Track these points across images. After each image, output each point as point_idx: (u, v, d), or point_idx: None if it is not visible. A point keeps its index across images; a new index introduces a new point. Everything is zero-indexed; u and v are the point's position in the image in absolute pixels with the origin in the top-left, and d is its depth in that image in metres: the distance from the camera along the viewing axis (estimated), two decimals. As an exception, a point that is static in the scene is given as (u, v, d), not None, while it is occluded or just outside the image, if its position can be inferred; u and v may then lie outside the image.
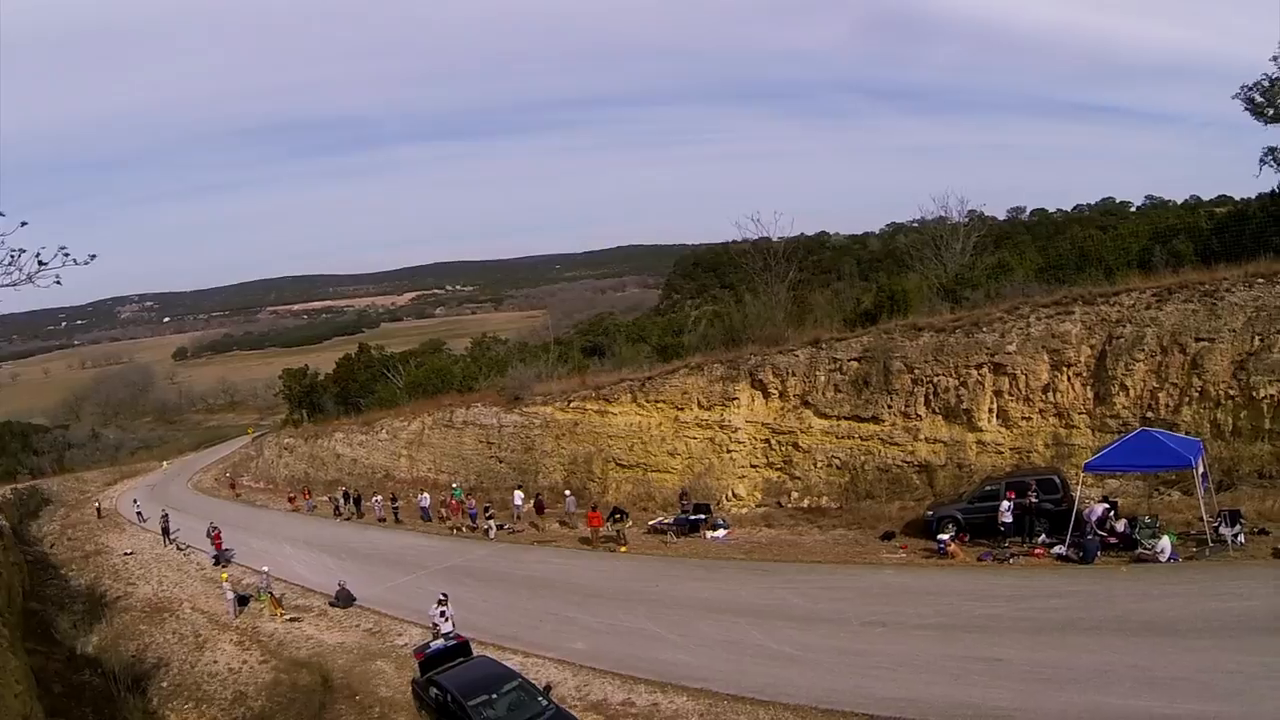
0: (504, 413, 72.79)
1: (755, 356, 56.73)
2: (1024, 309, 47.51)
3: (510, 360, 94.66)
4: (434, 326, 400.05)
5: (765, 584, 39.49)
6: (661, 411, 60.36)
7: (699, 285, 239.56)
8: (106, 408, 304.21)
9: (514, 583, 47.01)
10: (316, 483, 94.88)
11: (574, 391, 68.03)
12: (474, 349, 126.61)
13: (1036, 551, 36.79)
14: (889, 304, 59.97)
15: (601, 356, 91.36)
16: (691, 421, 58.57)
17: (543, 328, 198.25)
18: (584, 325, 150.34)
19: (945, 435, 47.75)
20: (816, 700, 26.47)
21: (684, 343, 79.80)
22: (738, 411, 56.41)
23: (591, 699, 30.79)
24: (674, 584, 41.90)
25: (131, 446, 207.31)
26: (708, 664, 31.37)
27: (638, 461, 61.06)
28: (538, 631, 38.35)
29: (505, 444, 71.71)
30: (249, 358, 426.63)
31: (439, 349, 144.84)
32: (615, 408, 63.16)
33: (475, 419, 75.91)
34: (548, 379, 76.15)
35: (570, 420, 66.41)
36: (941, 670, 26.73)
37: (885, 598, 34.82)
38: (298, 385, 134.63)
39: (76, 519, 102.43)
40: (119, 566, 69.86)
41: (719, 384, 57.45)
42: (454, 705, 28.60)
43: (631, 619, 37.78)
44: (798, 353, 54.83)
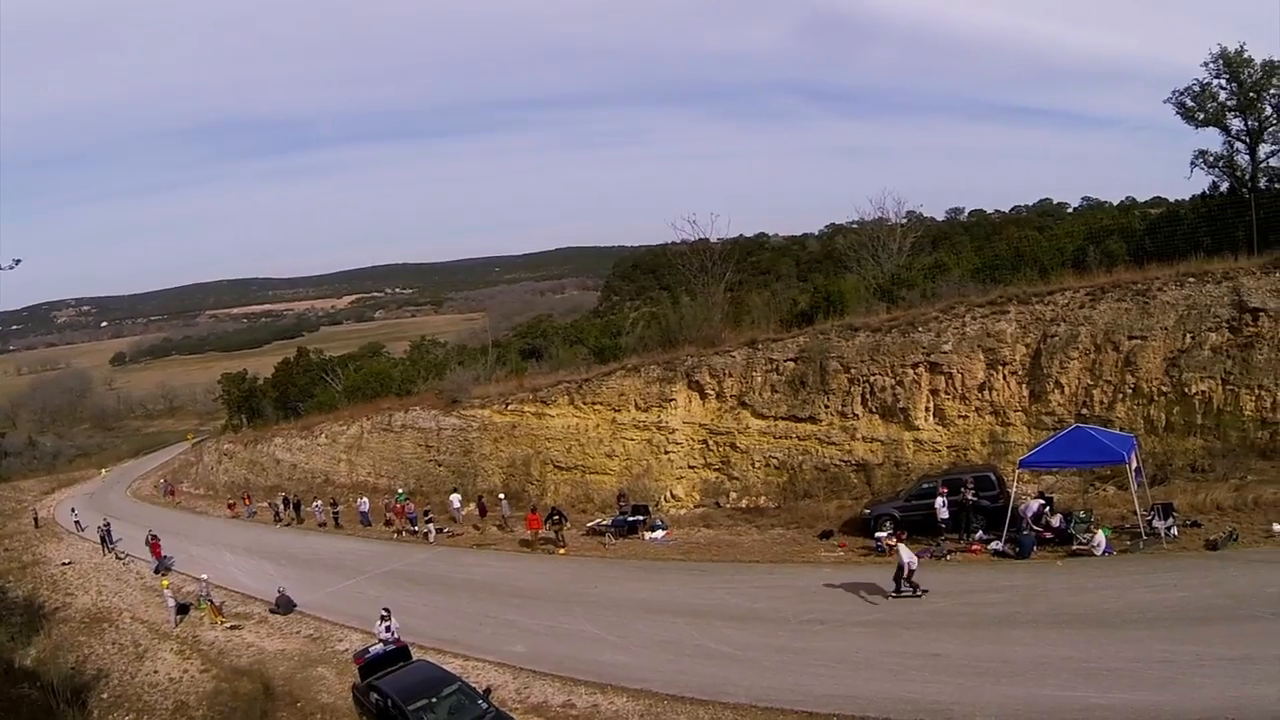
0: (442, 416, 72.50)
1: (692, 358, 56.78)
2: (960, 309, 47.91)
3: (449, 363, 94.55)
4: (373, 330, 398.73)
5: (704, 584, 39.66)
6: (599, 413, 60.30)
7: (638, 287, 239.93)
8: (43, 414, 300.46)
9: (454, 586, 46.94)
10: (256, 488, 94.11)
11: (511, 394, 67.82)
12: (413, 352, 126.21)
13: (973, 548, 37.19)
14: (825, 304, 60.22)
15: (539, 359, 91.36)
16: (629, 423, 58.53)
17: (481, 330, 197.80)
18: (522, 328, 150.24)
19: (882, 434, 48.01)
20: (755, 699, 26.56)
21: (621, 344, 79.79)
22: (675, 413, 56.40)
23: (532, 701, 30.78)
24: (613, 585, 42.05)
25: (69, 454, 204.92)
26: (647, 664, 31.43)
27: (576, 463, 60.91)
28: (477, 634, 38.29)
29: (444, 447, 71.45)
30: (188, 362, 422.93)
31: (378, 352, 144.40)
32: (553, 410, 62.97)
33: (414, 422, 75.59)
34: (486, 382, 76.10)
35: (508, 423, 66.18)
36: (880, 666, 26.92)
37: (823, 596, 34.98)
38: (237, 390, 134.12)
39: (13, 529, 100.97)
40: (57, 577, 69.06)
41: (656, 385, 57.49)
42: (394, 710, 28.49)
43: (571, 621, 37.83)
44: (734, 354, 54.99)
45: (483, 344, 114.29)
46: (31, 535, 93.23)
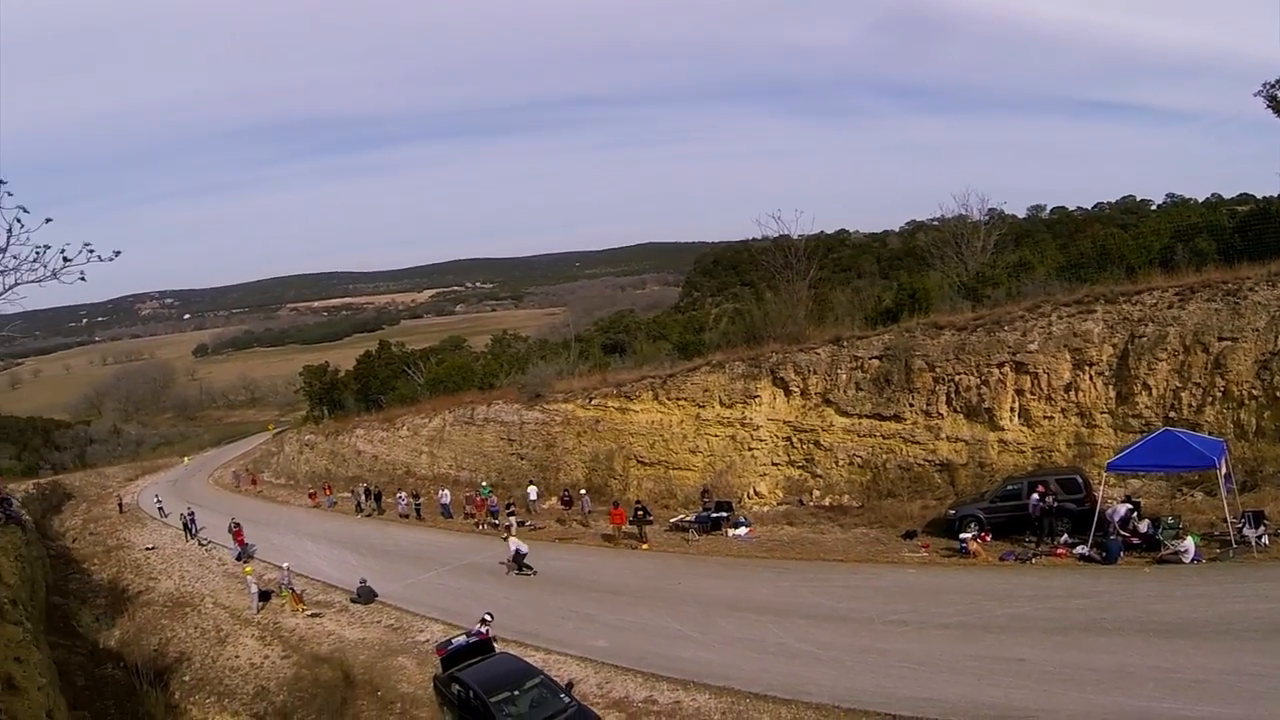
0: (525, 410, 72.72)
1: (777, 354, 56.61)
2: (1045, 308, 47.28)
3: (531, 357, 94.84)
4: (454, 324, 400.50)
5: (786, 582, 39.40)
6: (683, 409, 60.22)
7: (719, 283, 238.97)
8: (127, 404, 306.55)
9: (535, 579, 46.98)
10: (337, 479, 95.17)
11: (595, 389, 67.93)
12: (494, 346, 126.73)
13: (1059, 551, 36.54)
14: (910, 302, 59.79)
15: (622, 354, 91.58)
16: (713, 419, 58.43)
17: (563, 325, 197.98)
18: (604, 322, 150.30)
19: (967, 434, 47.59)
20: (838, 699, 26.35)
21: (705, 340, 79.79)
22: (759, 409, 56.28)
23: (613, 696, 30.77)
24: (695, 582, 41.80)
25: (152, 442, 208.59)
26: (730, 662, 31.30)
27: (659, 459, 60.95)
28: (560, 628, 38.31)
29: (526, 441, 71.72)
30: (269, 354, 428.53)
31: (459, 346, 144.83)
32: (636, 405, 63.08)
33: (496, 416, 75.93)
34: (569, 376, 76.47)
35: (591, 418, 66.28)
36: (963, 670, 26.60)
37: (907, 597, 34.65)
38: (318, 382, 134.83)
39: (98, 514, 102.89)
40: (140, 561, 70.19)
41: (740, 381, 57.33)
42: (476, 702, 28.59)
43: (653, 616, 37.75)
44: (819, 350, 54.72)
45: (564, 339, 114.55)
46: (116, 520, 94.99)
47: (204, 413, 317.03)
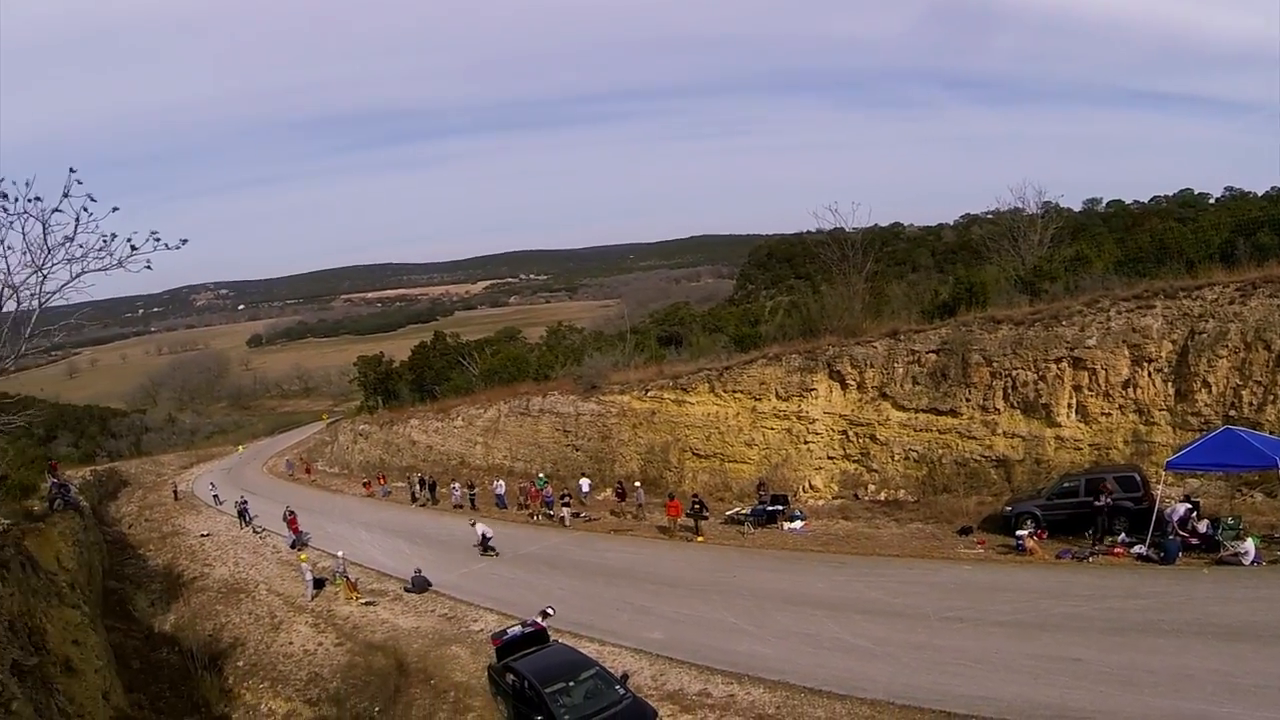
0: (581, 401, 72.93)
1: (833, 347, 56.37)
2: (1104, 302, 46.75)
3: (586, 349, 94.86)
4: (507, 315, 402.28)
5: (842, 577, 39.31)
6: (739, 402, 60.14)
7: (773, 276, 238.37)
8: (182, 393, 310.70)
9: (590, 571, 47.19)
10: (391, 469, 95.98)
11: (651, 381, 67.98)
12: (550, 337, 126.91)
13: (1116, 550, 36.16)
14: (967, 296, 59.36)
15: (678, 346, 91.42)
16: (769, 412, 58.37)
17: (617, 316, 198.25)
18: (659, 314, 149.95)
19: (1023, 430, 47.23)
20: (894, 695, 26.30)
21: (761, 333, 79.60)
22: (815, 403, 56.14)
23: (668, 689, 30.85)
24: (751, 575, 41.80)
25: (207, 431, 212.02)
26: (784, 656, 31.27)
27: (715, 451, 60.88)
28: (614, 620, 38.38)
29: (582, 432, 71.99)
30: (323, 345, 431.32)
31: (514, 337, 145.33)
32: (692, 397, 63.01)
33: (552, 407, 76.20)
34: (624, 368, 76.42)
35: (647, 409, 66.36)
36: (1019, 669, 26.44)
37: (963, 593, 34.52)
38: (373, 372, 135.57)
39: (153, 500, 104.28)
40: (195, 547, 71.10)
41: (797, 375, 57.18)
42: (530, 692, 28.75)
43: (708, 609, 37.79)
44: (876, 344, 54.48)
45: (620, 330, 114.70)
46: (171, 507, 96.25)
47: (258, 402, 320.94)
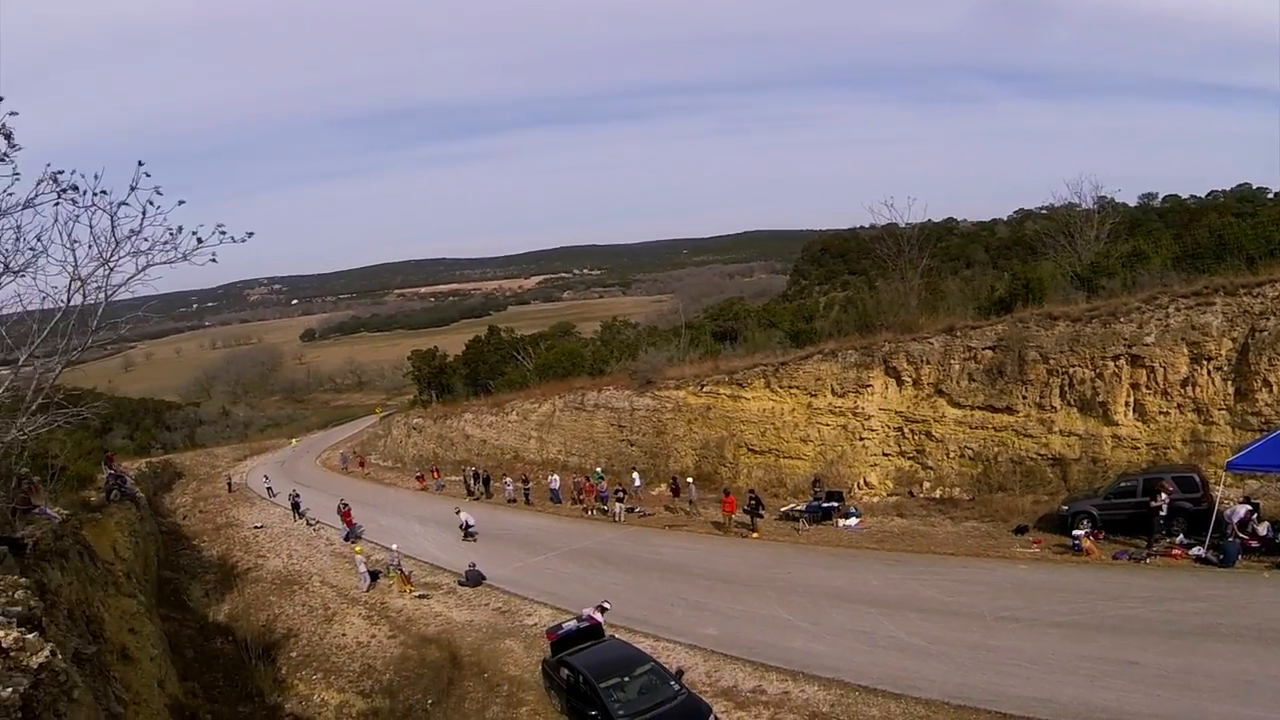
0: (636, 396, 72.91)
1: (889, 343, 56.07)
2: (1162, 299, 46.01)
3: (640, 344, 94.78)
4: (561, 310, 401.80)
5: (897, 574, 39.22)
6: (794, 397, 60.00)
7: (827, 271, 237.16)
8: (236, 386, 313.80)
9: (644, 566, 47.28)
10: (445, 462, 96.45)
11: (706, 376, 67.83)
12: (604, 332, 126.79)
13: (1174, 552, 35.65)
14: (1024, 292, 58.80)
15: (733, 342, 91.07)
16: (824, 408, 58.17)
17: (671, 312, 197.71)
18: (714, 310, 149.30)
19: (1080, 428, 46.74)
20: (949, 695, 26.26)
21: (816, 329, 79.32)
22: (871, 399, 55.93)
23: (722, 685, 30.91)
24: (806, 571, 41.78)
25: (260, 424, 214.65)
26: (839, 653, 31.31)
27: (770, 447, 60.76)
28: (669, 615, 38.49)
29: (637, 427, 71.96)
30: (376, 339, 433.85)
31: (568, 332, 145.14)
32: (748, 393, 62.88)
33: (607, 402, 76.27)
34: (679, 363, 76.33)
35: (702, 405, 66.25)
36: (1075, 671, 26.26)
37: (1018, 593, 34.29)
38: (427, 366, 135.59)
39: (208, 492, 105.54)
40: (249, 539, 71.87)
41: (852, 370, 56.95)
42: (585, 686, 28.88)
43: (763, 605, 37.84)
44: (932, 340, 54.12)
45: (674, 326, 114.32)
46: (225, 499, 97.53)
47: (311, 396, 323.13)
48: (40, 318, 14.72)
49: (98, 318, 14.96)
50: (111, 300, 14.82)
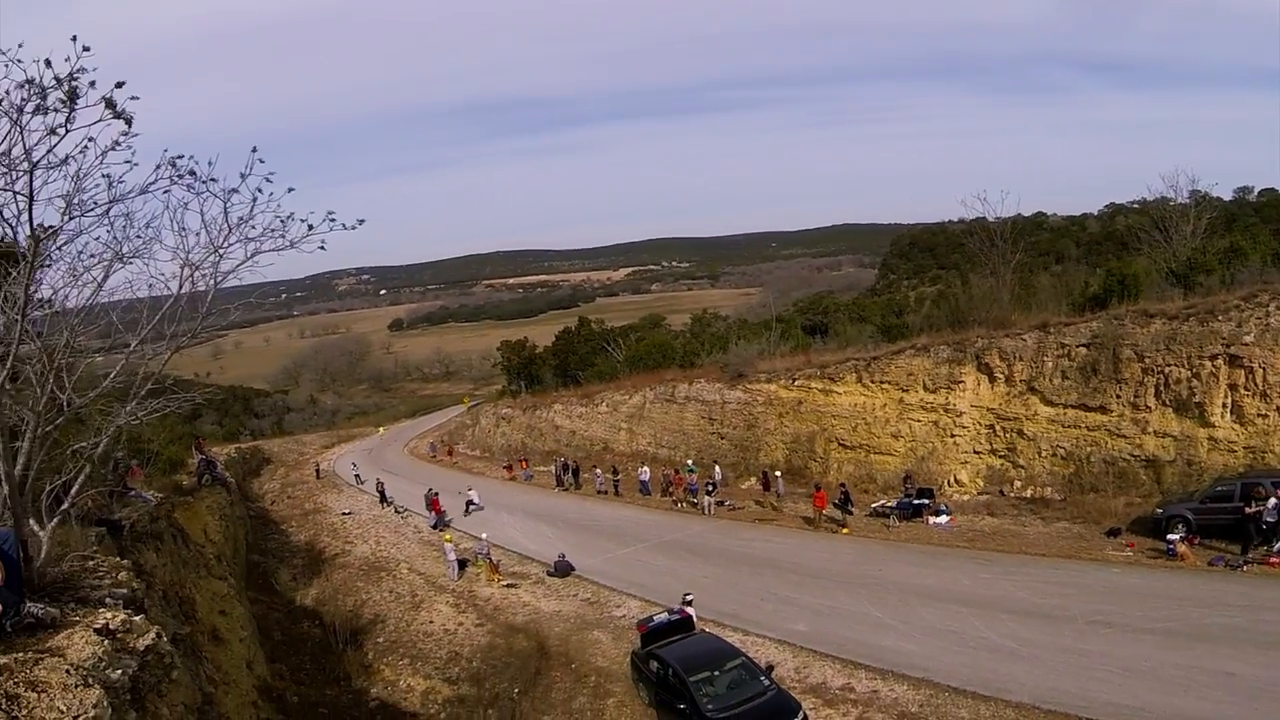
0: (726, 389, 72.55)
1: (981, 339, 55.39)
2: (1262, 297, 44.73)
3: (731, 337, 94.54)
4: (649, 302, 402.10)
5: (988, 574, 38.74)
6: (886, 392, 59.47)
7: (915, 265, 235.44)
8: (324, 375, 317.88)
9: (734, 560, 47.14)
10: (533, 453, 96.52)
11: (798, 370, 67.30)
12: (694, 324, 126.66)
13: (1272, 560, 34.64)
14: (1119, 288, 57.86)
15: (823, 335, 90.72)
16: (916, 404, 57.63)
17: (759, 305, 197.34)
18: (804, 303, 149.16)
19: (1175, 429, 45.64)
20: (1039, 699, 25.95)
21: (907, 323, 78.76)
22: (963, 395, 55.32)
23: (810, 681, 30.86)
24: (896, 569, 41.37)
25: (348, 412, 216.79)
26: (929, 653, 31.10)
27: (860, 442, 60.30)
28: (758, 610, 38.43)
29: (727, 420, 71.61)
30: (464, 329, 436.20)
31: (658, 324, 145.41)
32: (839, 387, 62.42)
33: (697, 395, 75.97)
34: (770, 356, 75.73)
35: (794, 399, 65.79)
36: (1169, 679, 25.68)
37: (1111, 597, 33.70)
38: (516, 357, 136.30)
39: (295, 478, 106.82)
40: (337, 525, 72.84)
41: (944, 366, 56.38)
42: (674, 679, 28.98)
43: (853, 602, 37.64)
44: (1025, 337, 53.26)
45: (764, 319, 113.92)
46: (313, 485, 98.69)
47: (398, 385, 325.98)
48: (150, 304, 14.96)
49: (207, 304, 15.20)
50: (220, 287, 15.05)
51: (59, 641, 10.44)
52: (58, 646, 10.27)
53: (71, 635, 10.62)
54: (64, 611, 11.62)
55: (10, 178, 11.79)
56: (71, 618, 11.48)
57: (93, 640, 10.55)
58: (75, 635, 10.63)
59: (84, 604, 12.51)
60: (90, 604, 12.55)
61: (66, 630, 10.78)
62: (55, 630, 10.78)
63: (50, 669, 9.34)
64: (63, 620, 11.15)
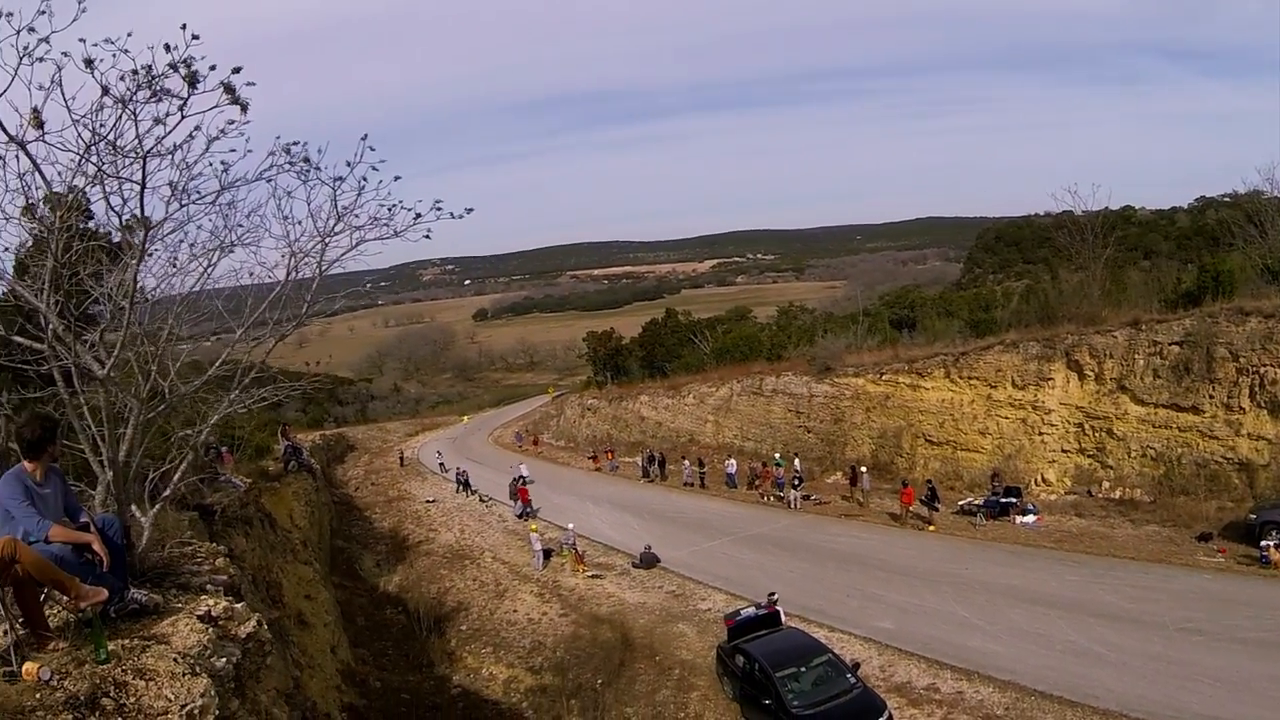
0: (814, 382, 72.00)
1: (1072, 335, 54.35)
2: (1365, 297, 43.94)
3: (817, 330, 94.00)
4: (734, 294, 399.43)
5: (1076, 576, 38.05)
6: (974, 388, 58.64)
7: (1001, 260, 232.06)
8: (408, 364, 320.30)
9: (820, 555, 46.84)
10: (618, 444, 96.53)
11: (886, 364, 66.61)
12: (780, 317, 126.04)
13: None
14: (1213, 285, 56.60)
15: (910, 330, 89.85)
16: (1004, 400, 56.73)
17: (845, 298, 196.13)
18: (890, 297, 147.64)
19: (1270, 432, 44.28)
20: (1126, 707, 25.51)
21: (995, 318, 77.74)
22: (1051, 392, 54.30)
23: (895, 680, 30.69)
24: (982, 568, 40.92)
25: (431, 401, 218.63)
26: (1015, 655, 30.71)
27: (947, 439, 59.56)
28: (844, 606, 38.27)
29: (814, 414, 71.07)
30: (548, 320, 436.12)
31: (745, 316, 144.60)
32: (927, 382, 61.68)
33: (785, 388, 75.48)
34: (858, 350, 75.18)
35: (881, 393, 65.15)
36: (1261, 692, 25.02)
37: (1201, 604, 32.89)
38: (603, 348, 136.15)
39: (380, 466, 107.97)
40: (421, 513, 73.41)
41: (1033, 363, 55.32)
42: (760, 675, 28.97)
43: (939, 601, 37.31)
44: (1115, 334, 52.11)
45: (850, 312, 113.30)
46: (397, 473, 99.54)
47: (482, 374, 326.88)
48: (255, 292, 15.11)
49: (312, 291, 15.33)
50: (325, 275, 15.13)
51: (164, 629, 10.57)
52: (163, 634, 10.40)
53: (176, 623, 10.74)
54: (166, 598, 11.80)
55: (117, 164, 11.94)
56: (174, 604, 11.66)
57: (198, 628, 10.67)
58: (180, 623, 10.74)
59: (185, 590, 12.68)
60: (191, 590, 12.72)
61: (170, 617, 10.90)
62: (159, 617, 10.91)
63: (158, 656, 9.44)
64: (166, 607, 11.29)
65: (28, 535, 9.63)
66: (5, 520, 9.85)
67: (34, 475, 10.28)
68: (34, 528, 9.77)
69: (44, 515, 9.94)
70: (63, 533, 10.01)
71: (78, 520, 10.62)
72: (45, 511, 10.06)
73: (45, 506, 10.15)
